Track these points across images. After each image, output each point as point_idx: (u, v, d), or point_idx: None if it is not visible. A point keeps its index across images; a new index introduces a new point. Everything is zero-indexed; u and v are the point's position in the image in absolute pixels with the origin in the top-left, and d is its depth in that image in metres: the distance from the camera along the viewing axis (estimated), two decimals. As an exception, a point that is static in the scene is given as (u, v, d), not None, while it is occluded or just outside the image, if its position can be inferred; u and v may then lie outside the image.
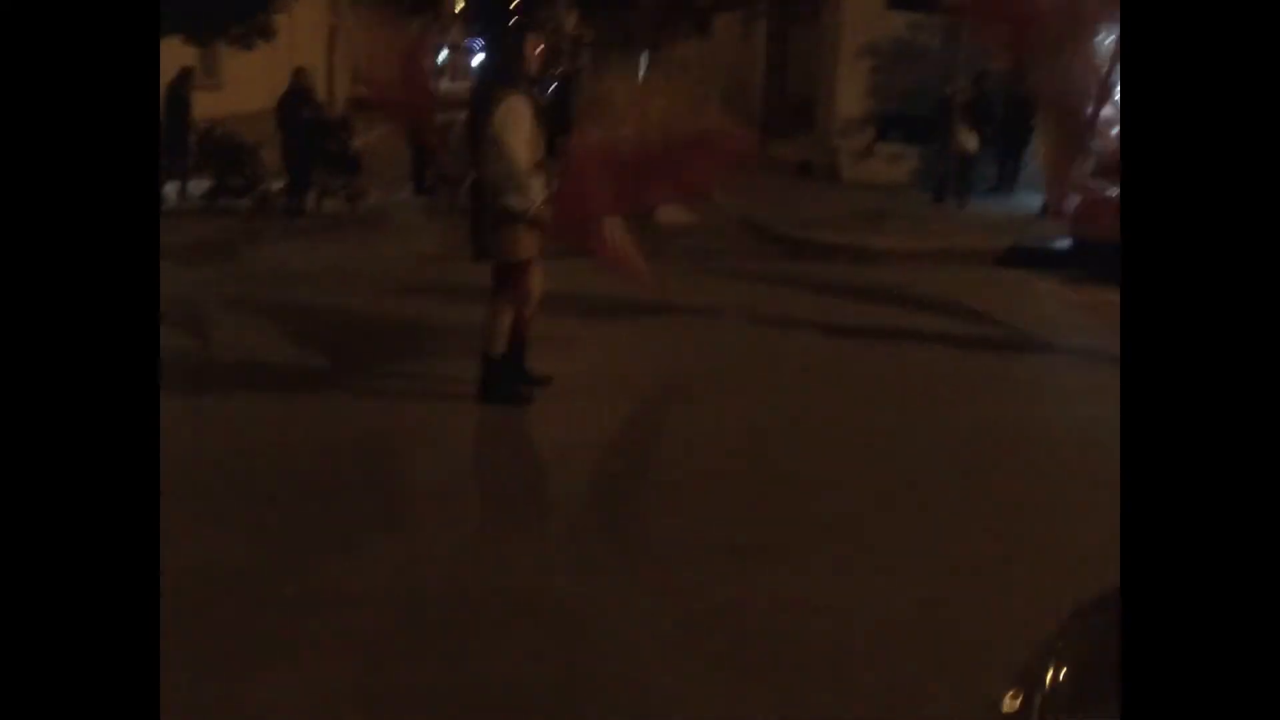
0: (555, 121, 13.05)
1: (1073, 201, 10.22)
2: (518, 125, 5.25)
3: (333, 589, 3.64)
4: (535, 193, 5.32)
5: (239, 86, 19.93)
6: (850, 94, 16.17)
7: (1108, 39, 6.58)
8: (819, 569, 3.90)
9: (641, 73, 13.57)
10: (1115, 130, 6.91)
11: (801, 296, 8.77)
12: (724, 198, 14.12)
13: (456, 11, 23.50)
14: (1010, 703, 1.83)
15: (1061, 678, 1.86)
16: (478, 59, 21.69)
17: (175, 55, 13.75)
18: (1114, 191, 8.15)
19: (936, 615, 3.61)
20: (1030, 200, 14.68)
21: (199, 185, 13.80)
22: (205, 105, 15.72)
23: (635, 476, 5.11)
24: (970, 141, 13.86)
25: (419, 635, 3.42)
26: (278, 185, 13.45)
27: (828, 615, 3.55)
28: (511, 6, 13.28)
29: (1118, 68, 6.48)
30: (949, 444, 5.37)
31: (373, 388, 5.90)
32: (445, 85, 31.07)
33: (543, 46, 6.05)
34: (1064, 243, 11.33)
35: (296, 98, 13.44)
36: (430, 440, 5.21)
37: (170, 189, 13.71)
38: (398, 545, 4.02)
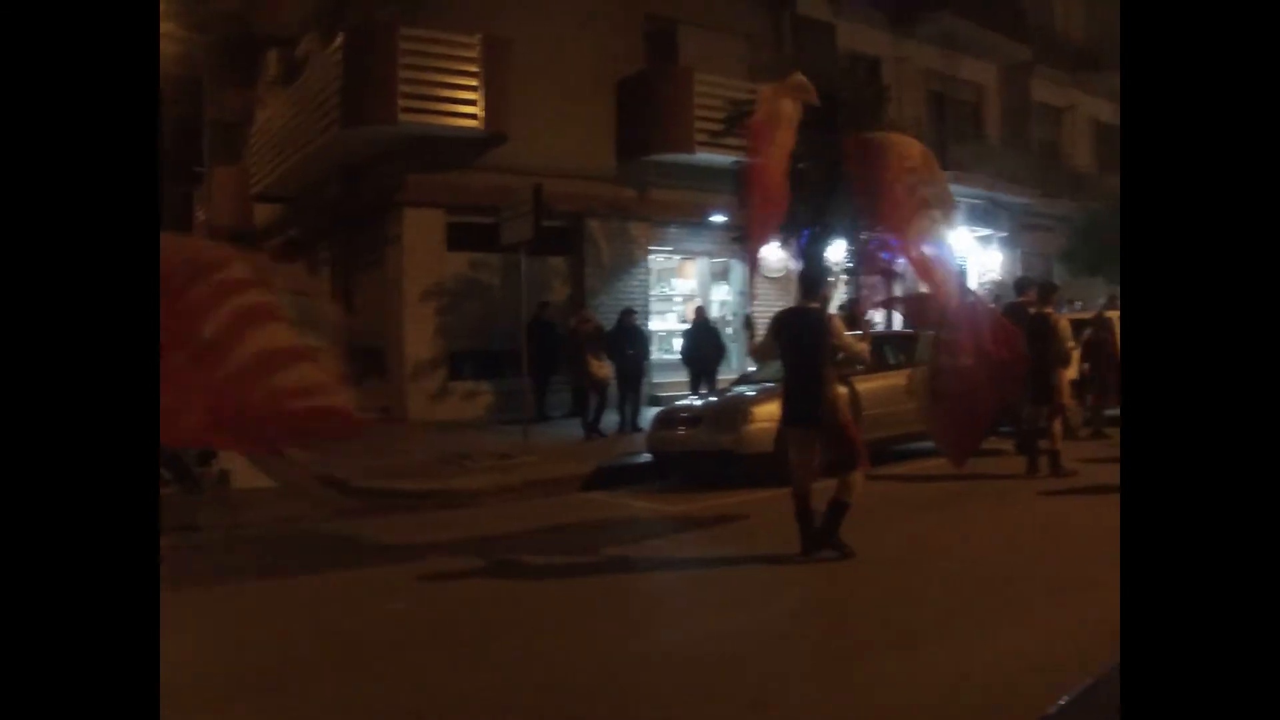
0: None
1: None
2: None
3: None
4: None
5: None
6: (419, 336, 16.17)
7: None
8: None
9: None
10: None
11: (392, 556, 8.17)
12: (298, 454, 13.33)
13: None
14: None
15: None
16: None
17: None
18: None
19: None
20: (607, 420, 15.19)
21: None
22: None
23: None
24: (603, 369, 14.52)
25: None
26: None
27: None
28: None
29: None
30: (579, 687, 4.95)
31: None
32: None
33: None
34: (645, 458, 11.66)
35: None
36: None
37: None
38: None
